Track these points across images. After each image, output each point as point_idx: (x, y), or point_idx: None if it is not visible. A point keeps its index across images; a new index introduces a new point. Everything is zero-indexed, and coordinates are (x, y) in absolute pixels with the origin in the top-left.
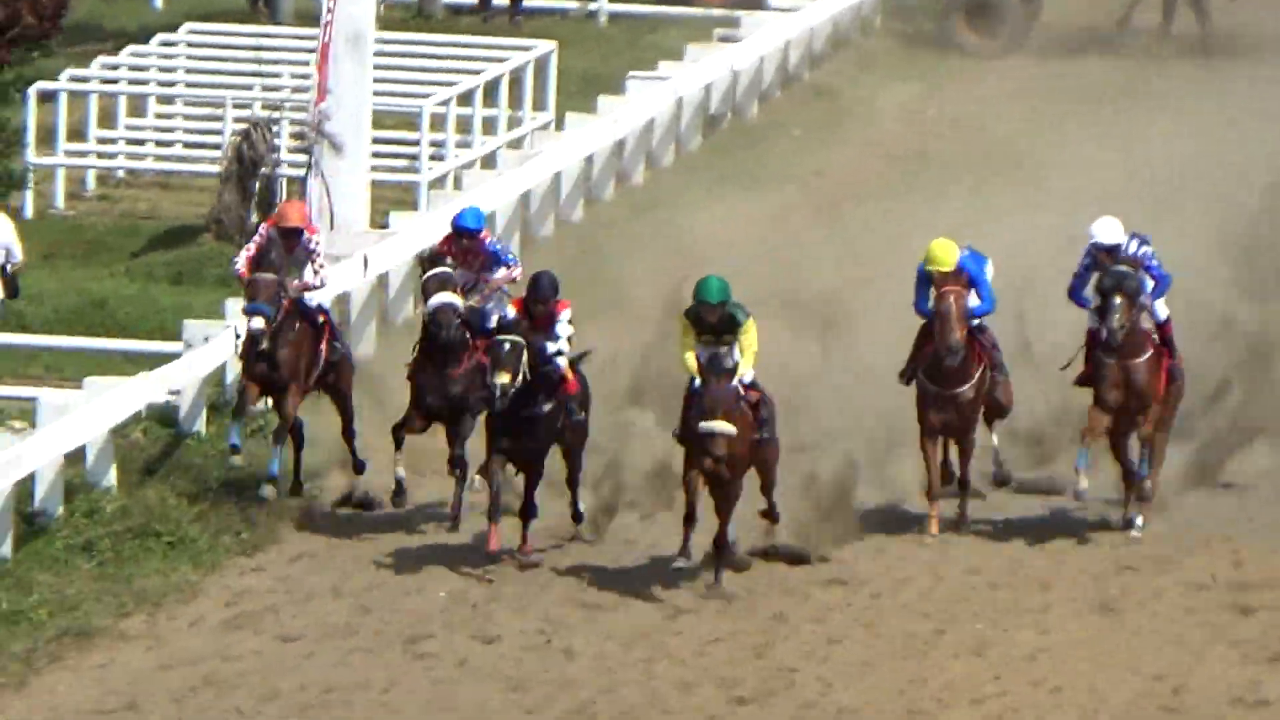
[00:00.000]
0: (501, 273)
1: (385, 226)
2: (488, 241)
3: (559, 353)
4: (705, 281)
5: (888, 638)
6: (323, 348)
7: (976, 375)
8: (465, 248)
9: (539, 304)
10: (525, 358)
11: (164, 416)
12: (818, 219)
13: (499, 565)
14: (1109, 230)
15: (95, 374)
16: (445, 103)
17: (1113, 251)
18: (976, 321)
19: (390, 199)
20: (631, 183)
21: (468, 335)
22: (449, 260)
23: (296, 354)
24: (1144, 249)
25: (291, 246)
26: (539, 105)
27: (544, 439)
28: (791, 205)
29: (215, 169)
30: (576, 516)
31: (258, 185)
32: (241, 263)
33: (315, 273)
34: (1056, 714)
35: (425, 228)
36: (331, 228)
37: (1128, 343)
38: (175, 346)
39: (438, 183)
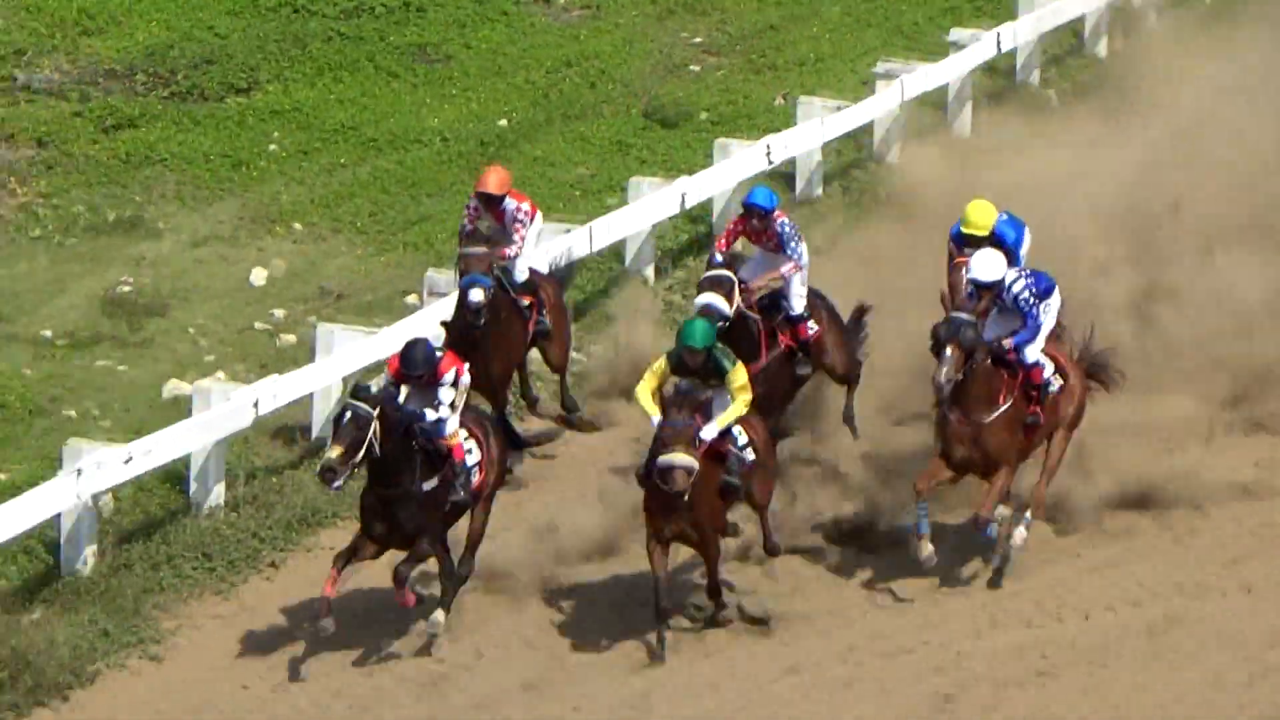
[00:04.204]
0: (784, 267)
1: None
2: (779, 221)
3: (439, 420)
4: (690, 325)
5: None
6: (530, 326)
7: None
8: (756, 228)
9: (412, 378)
10: (376, 430)
11: None
12: None
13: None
14: (987, 267)
15: None
16: None
17: (991, 288)
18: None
19: None
20: None
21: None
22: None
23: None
24: (1023, 292)
25: (498, 215)
26: None
27: (422, 520)
28: None
29: None
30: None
31: None
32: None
33: (515, 242)
34: None
35: None
36: None
37: (979, 395)
38: None
39: None
